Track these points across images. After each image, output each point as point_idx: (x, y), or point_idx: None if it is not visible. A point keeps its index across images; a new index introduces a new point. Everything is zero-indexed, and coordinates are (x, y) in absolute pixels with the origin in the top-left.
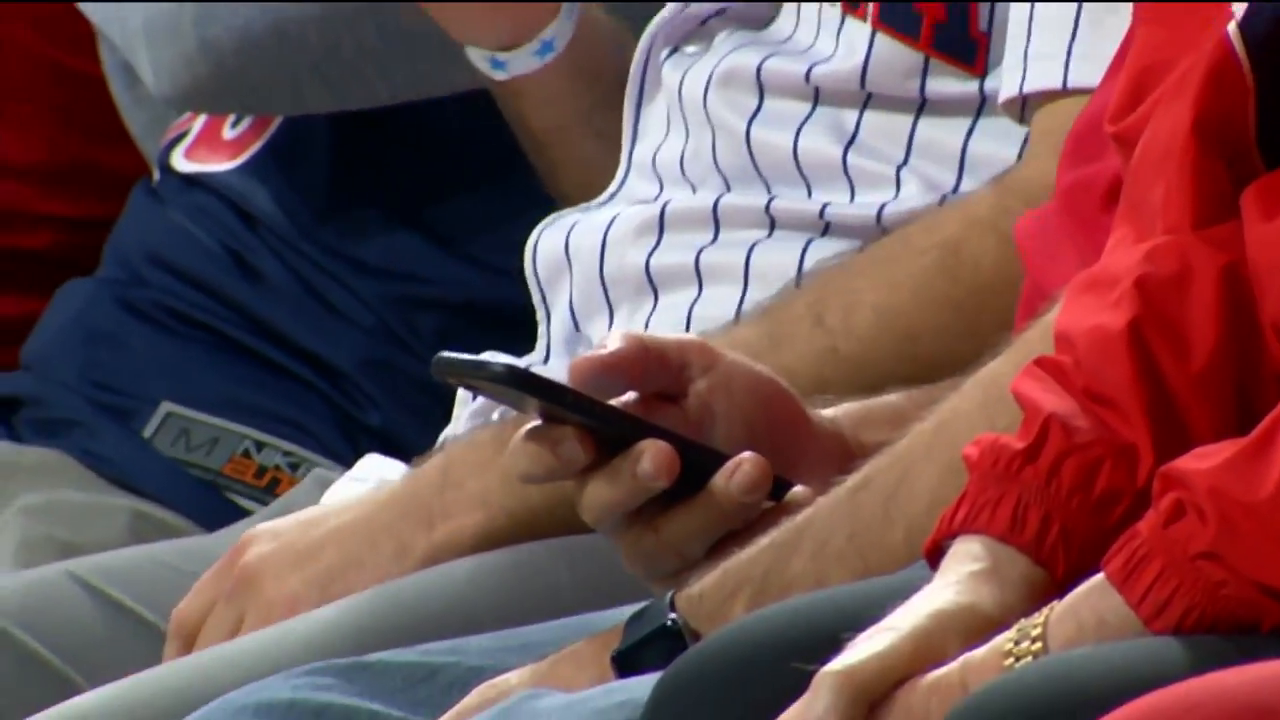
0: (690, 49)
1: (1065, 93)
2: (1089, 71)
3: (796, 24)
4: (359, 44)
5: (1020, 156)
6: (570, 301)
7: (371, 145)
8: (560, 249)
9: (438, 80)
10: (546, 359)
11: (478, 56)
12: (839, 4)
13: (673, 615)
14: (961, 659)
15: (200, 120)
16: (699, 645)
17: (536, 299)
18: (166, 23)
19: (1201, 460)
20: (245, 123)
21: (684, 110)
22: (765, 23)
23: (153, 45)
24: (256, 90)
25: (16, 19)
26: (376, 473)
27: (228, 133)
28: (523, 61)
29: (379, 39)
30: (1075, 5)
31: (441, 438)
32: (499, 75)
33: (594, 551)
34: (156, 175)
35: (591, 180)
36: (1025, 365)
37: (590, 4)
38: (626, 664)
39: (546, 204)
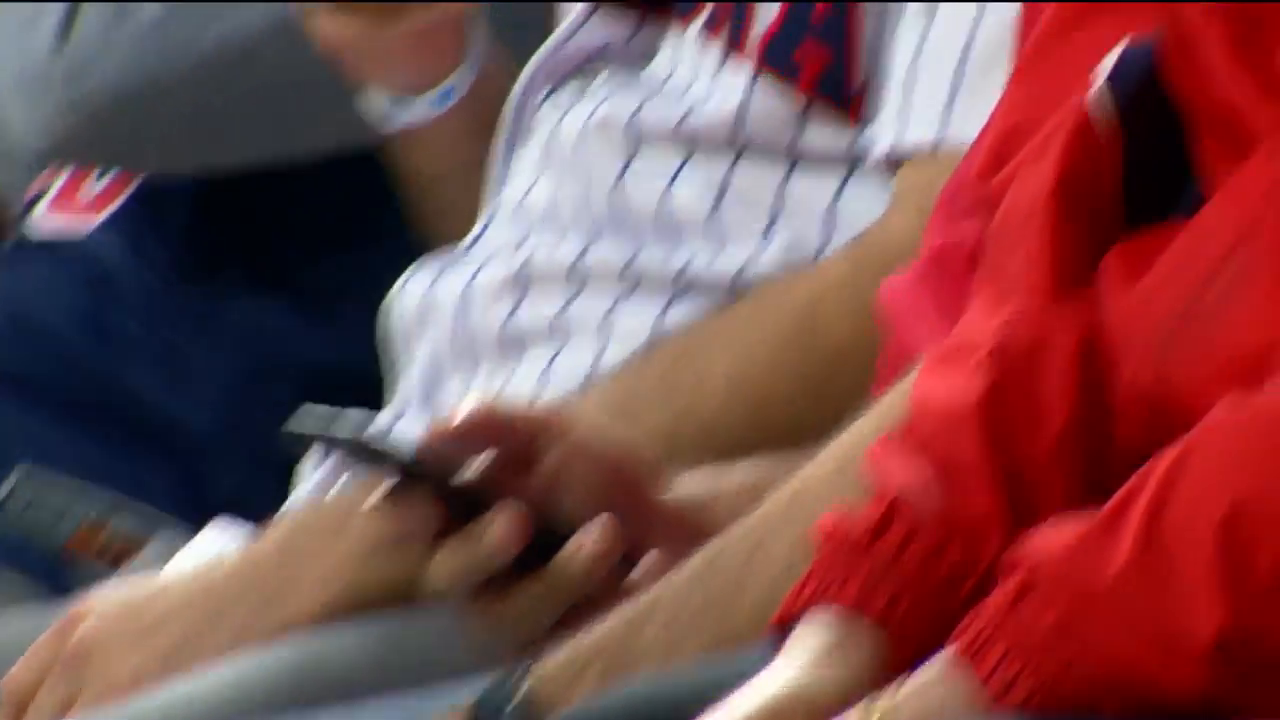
0: (568, 90)
1: (936, 152)
2: (963, 130)
3: (675, 64)
4: (230, 102)
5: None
6: (428, 358)
7: (237, 205)
8: (420, 304)
9: (310, 141)
10: (400, 417)
11: (378, 101)
12: (719, 44)
13: (524, 689)
14: None
15: (60, 179)
16: None
17: (393, 354)
18: (38, 74)
19: (1050, 538)
20: (106, 179)
21: (557, 155)
22: (648, 59)
23: (24, 96)
24: (127, 144)
25: None
26: (220, 541)
27: (89, 190)
28: (423, 108)
29: (251, 98)
30: (954, 62)
31: (285, 506)
32: (398, 120)
33: (442, 623)
34: (14, 235)
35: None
36: (880, 434)
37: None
38: None
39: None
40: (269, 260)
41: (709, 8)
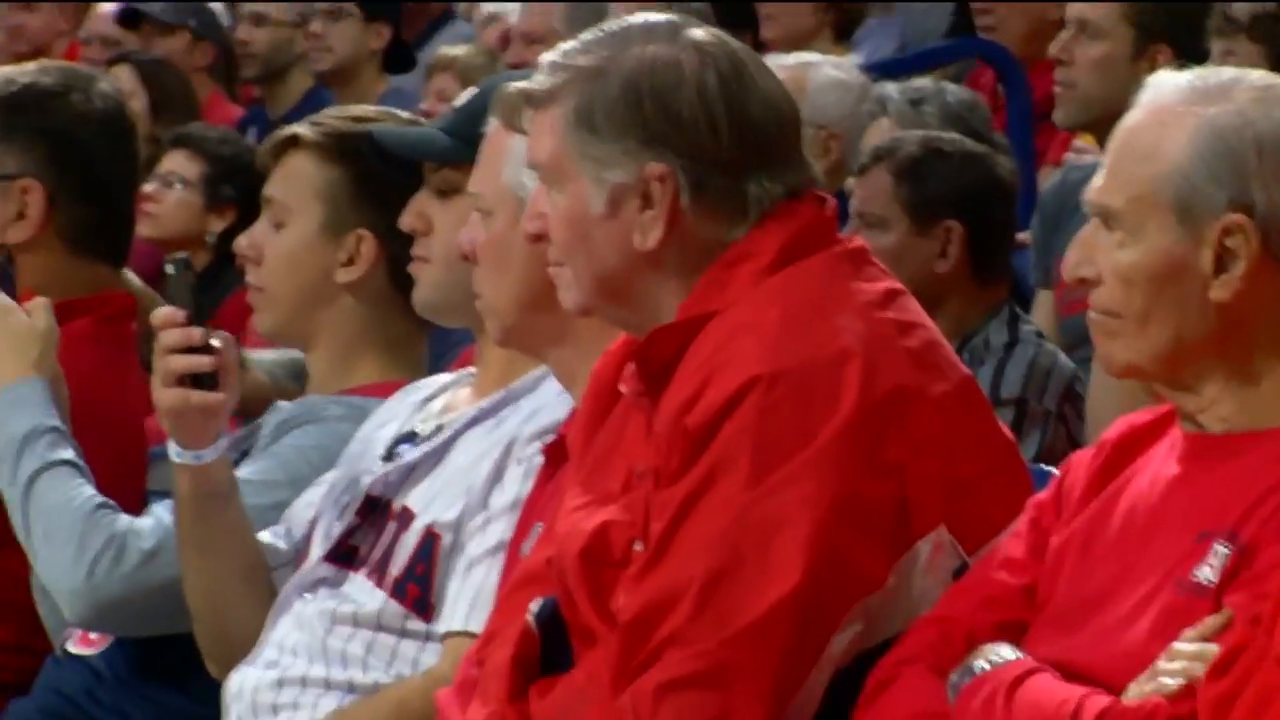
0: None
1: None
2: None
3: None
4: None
5: None
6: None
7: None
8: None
9: None
10: None
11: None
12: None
13: None
14: None
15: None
16: None
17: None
18: (74, 590)
19: None
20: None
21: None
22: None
23: (63, 601)
24: (123, 628)
25: None
26: None
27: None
28: (210, 453)
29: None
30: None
31: None
32: (203, 460)
33: None
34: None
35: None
36: None
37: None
38: None
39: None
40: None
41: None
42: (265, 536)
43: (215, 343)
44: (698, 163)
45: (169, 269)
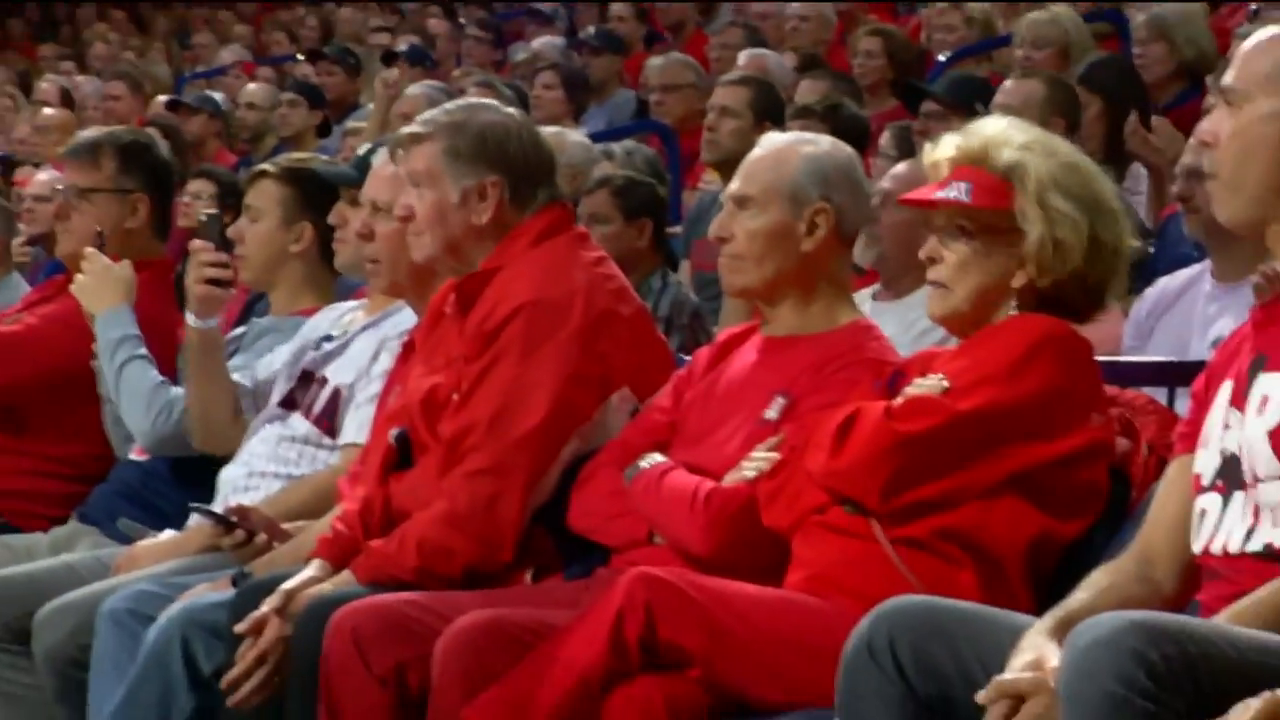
0: None
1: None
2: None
3: None
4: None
5: None
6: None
7: None
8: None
9: None
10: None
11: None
12: None
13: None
14: None
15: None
16: None
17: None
18: (140, 431)
19: None
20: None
21: None
22: None
23: (136, 434)
24: (175, 450)
25: None
26: None
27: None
28: (213, 322)
29: None
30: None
31: None
32: (209, 325)
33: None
34: None
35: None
36: None
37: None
38: None
39: None
40: None
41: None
42: (236, 377)
43: (227, 262)
44: (514, 177)
45: (202, 217)
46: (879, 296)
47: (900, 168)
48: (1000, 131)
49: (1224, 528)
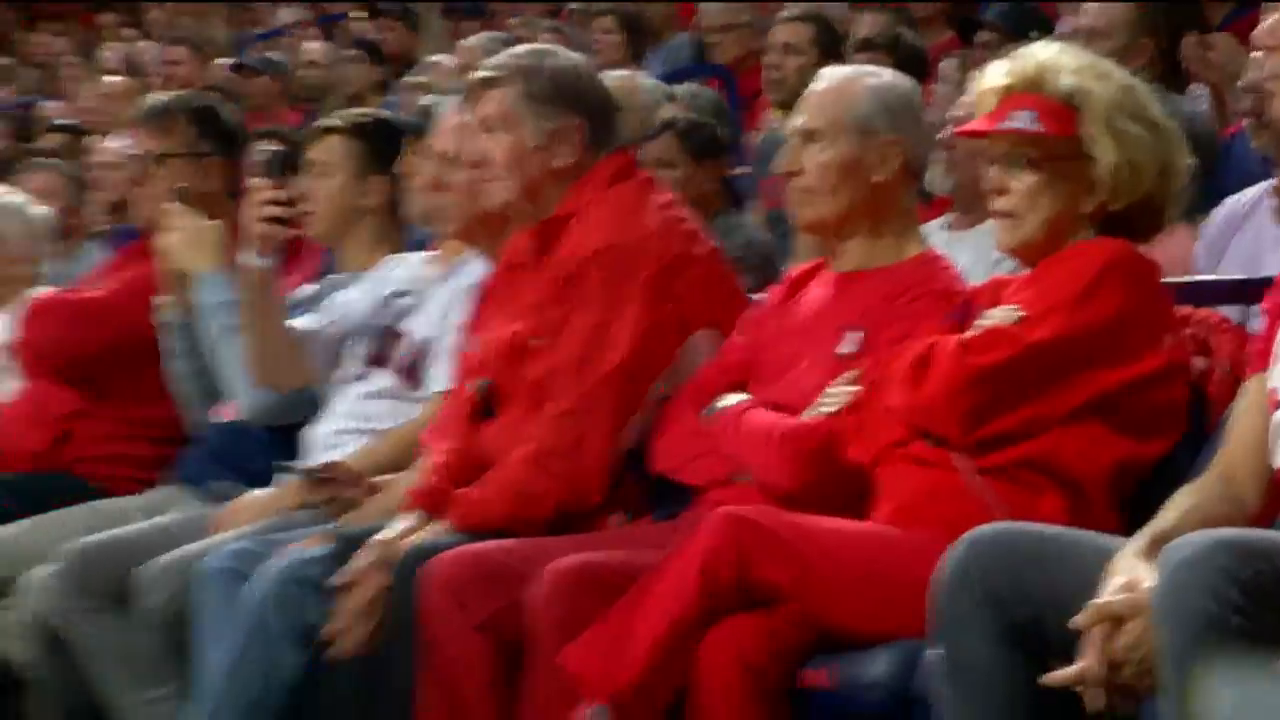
0: None
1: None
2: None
3: None
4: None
5: None
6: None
7: None
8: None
9: None
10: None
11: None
12: None
13: None
14: None
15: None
16: None
17: None
18: (242, 405)
19: None
20: None
21: None
22: None
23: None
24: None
25: None
26: None
27: None
28: (269, 262)
29: None
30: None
31: None
32: (267, 265)
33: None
34: None
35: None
36: None
37: None
38: None
39: None
40: None
41: None
42: (301, 321)
43: (288, 199)
44: (593, 121)
45: (262, 155)
46: (954, 225)
47: (972, 96)
48: (1053, 57)
49: None
